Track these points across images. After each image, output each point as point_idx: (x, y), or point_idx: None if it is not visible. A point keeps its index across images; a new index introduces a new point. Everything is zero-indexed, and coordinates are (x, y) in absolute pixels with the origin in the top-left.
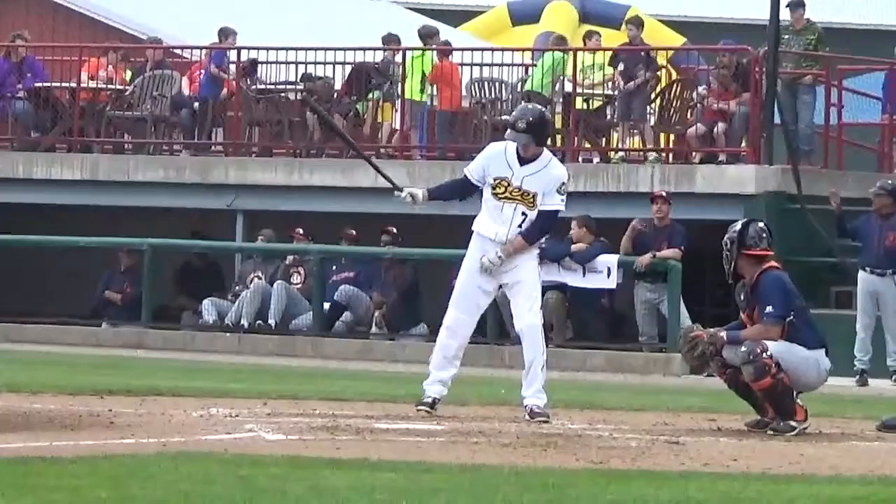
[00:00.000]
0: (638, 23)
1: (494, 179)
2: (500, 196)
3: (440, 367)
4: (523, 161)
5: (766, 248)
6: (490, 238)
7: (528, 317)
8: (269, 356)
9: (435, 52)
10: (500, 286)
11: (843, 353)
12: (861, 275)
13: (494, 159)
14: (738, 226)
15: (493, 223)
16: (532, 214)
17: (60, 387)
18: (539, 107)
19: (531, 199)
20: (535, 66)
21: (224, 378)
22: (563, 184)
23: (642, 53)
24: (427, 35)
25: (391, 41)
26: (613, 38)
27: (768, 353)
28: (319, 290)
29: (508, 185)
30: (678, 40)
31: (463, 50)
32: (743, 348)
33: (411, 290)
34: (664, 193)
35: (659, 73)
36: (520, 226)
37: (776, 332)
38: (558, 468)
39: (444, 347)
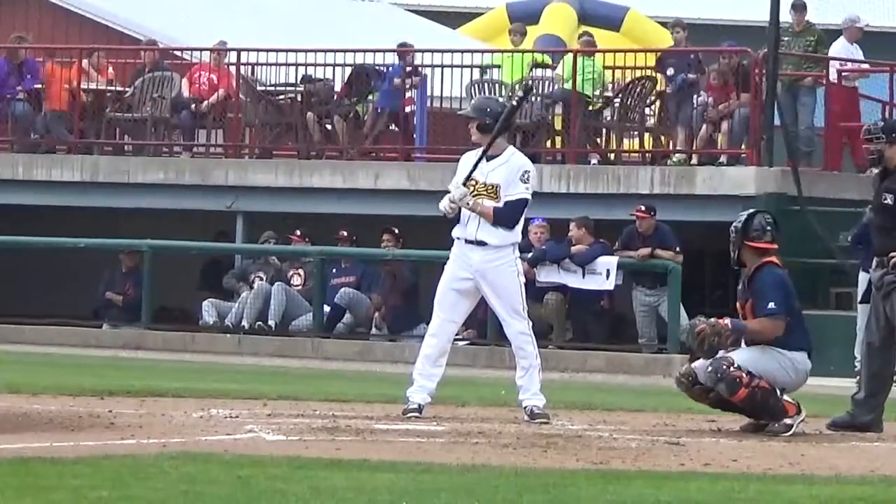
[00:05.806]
0: (683, 26)
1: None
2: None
3: (424, 375)
4: (490, 158)
5: (770, 241)
6: (462, 238)
7: (515, 324)
8: (269, 357)
9: None
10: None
11: (843, 353)
12: (862, 276)
13: (472, 166)
14: (745, 215)
15: (464, 223)
16: (499, 206)
17: (61, 388)
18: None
19: (494, 192)
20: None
21: (224, 379)
22: (526, 171)
23: (691, 55)
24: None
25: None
26: (611, 39)
27: (735, 365)
28: (319, 292)
29: (476, 183)
30: None
31: (462, 51)
32: (709, 368)
33: (411, 291)
34: (643, 208)
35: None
36: None
37: (781, 327)
38: (558, 469)
39: (427, 355)
